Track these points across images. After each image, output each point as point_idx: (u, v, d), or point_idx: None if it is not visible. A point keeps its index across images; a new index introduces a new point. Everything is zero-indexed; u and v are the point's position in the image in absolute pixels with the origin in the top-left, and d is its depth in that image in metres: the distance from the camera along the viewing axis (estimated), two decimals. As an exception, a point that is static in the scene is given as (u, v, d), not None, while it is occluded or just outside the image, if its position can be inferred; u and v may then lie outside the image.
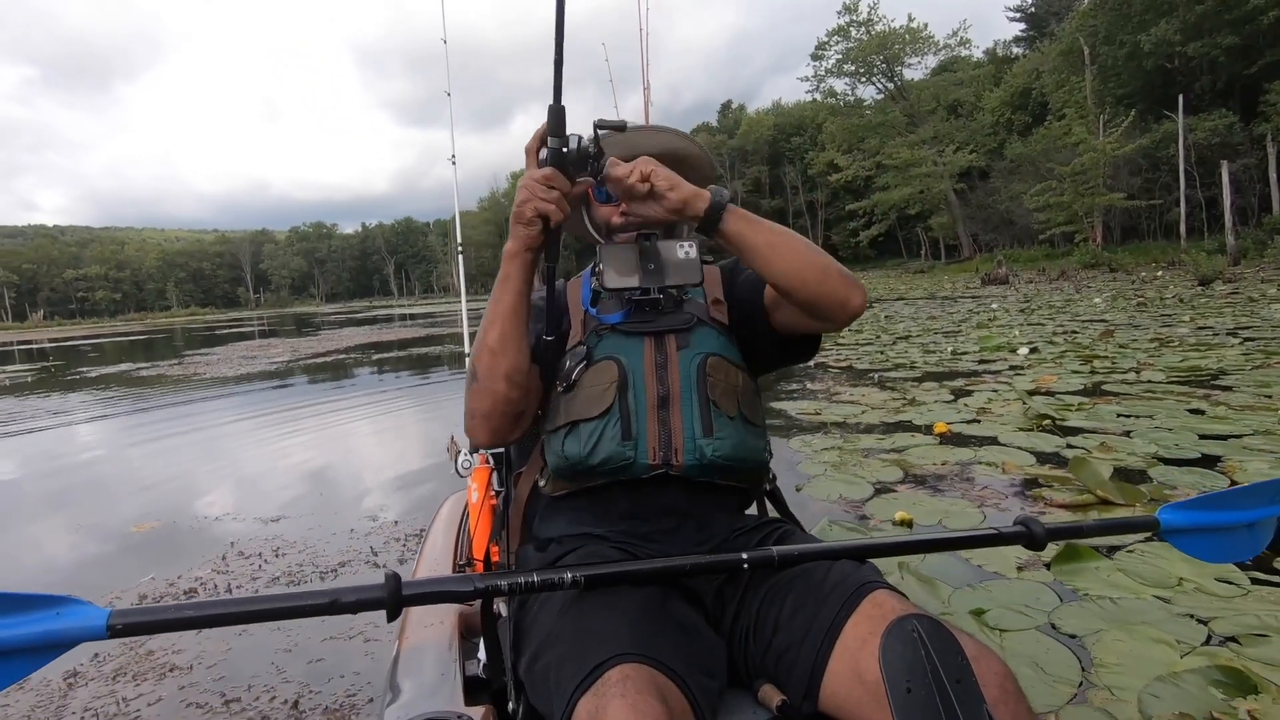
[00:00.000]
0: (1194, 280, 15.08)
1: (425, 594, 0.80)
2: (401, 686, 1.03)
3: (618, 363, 1.05)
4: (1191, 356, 6.02)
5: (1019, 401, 4.79)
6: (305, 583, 2.69)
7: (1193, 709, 1.52)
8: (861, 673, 0.80)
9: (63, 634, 0.69)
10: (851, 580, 0.89)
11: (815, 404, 5.33)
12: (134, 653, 2.22)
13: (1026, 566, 2.31)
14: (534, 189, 0.95)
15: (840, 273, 0.99)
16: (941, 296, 17.90)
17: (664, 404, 1.03)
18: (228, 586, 2.68)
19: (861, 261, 52.33)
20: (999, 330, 9.34)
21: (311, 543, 3.10)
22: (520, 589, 0.80)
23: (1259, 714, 1.50)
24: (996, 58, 49.75)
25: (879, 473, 3.45)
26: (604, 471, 1.02)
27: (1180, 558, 2.27)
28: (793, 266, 0.98)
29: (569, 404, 1.06)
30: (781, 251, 0.98)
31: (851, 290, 1.00)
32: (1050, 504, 2.85)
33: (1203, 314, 9.31)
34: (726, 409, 1.04)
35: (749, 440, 1.05)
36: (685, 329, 1.09)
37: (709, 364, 1.05)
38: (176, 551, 3.13)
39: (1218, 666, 1.66)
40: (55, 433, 6.87)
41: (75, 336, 38.30)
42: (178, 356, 16.38)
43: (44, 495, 4.52)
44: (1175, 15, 29.43)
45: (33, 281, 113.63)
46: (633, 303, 1.10)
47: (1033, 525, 0.92)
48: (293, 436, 5.74)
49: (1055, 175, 29.12)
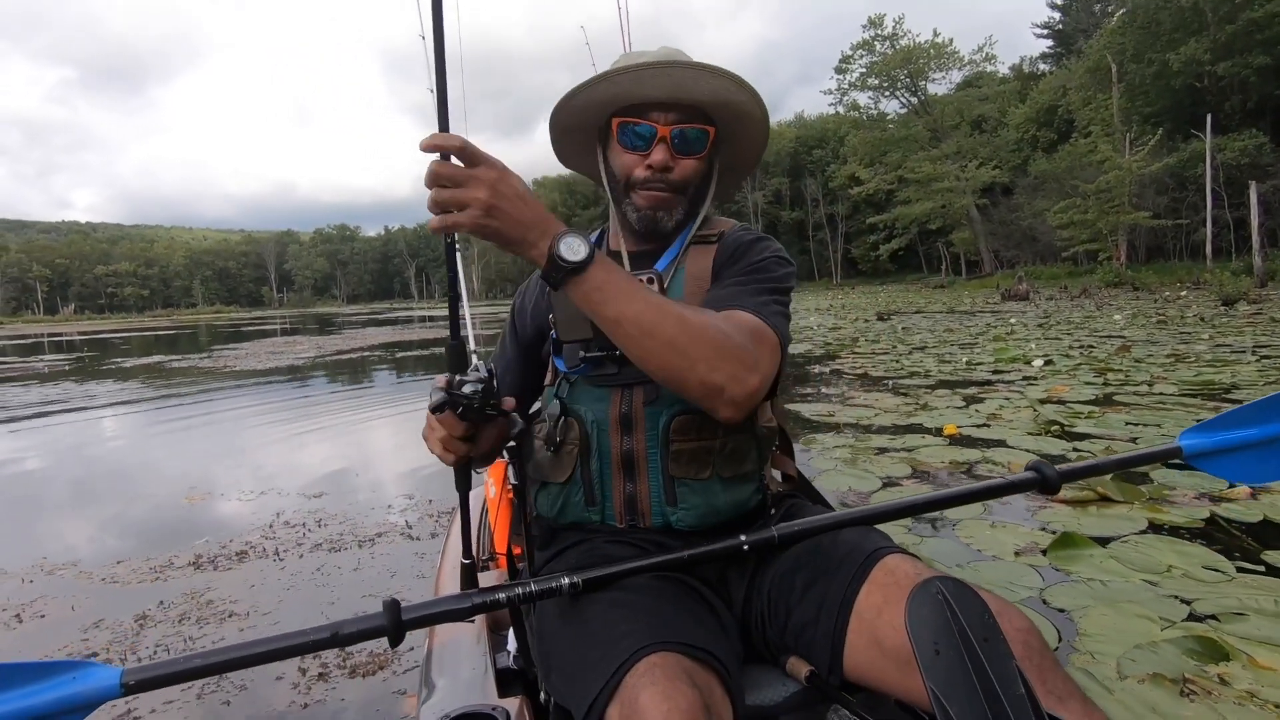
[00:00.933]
0: (1217, 300, 14.98)
1: (424, 617, 0.80)
2: (436, 683, 1.04)
3: (580, 422, 0.99)
4: (1206, 371, 6.08)
5: (1030, 409, 4.90)
6: (345, 550, 2.88)
7: (1167, 671, 1.66)
8: (881, 640, 0.79)
9: (80, 698, 0.70)
10: (860, 549, 0.88)
11: (829, 406, 5.47)
12: (195, 602, 2.43)
13: (1024, 552, 2.45)
14: (430, 440, 0.91)
15: (702, 381, 0.82)
16: (960, 311, 17.90)
17: (629, 467, 0.98)
18: (275, 550, 2.89)
19: (881, 275, 52.27)
20: (1015, 343, 9.41)
21: (351, 516, 3.30)
22: (518, 600, 0.80)
23: (1228, 677, 1.63)
24: (1023, 74, 49.66)
25: (888, 469, 3.59)
26: (576, 530, 1.02)
27: (1172, 548, 2.40)
28: (642, 354, 0.83)
29: (540, 458, 1.02)
30: (630, 333, 0.81)
31: (714, 402, 0.85)
32: (1050, 499, 2.97)
33: (1223, 332, 9.31)
34: (694, 474, 0.96)
35: (724, 498, 0.98)
36: (654, 380, 0.92)
37: (675, 425, 0.96)
38: (227, 520, 3.36)
39: (1195, 638, 1.79)
40: (101, 417, 7.17)
41: (105, 330, 39.23)
42: (207, 351, 16.81)
43: (103, 471, 4.80)
44: (1205, 34, 29.29)
45: (65, 276, 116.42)
46: (590, 359, 0.99)
47: (1044, 469, 0.90)
48: (330, 423, 5.98)
49: (1080, 193, 28.99)
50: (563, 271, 0.79)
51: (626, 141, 1.02)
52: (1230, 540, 2.46)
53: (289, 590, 2.49)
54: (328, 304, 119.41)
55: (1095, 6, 45.94)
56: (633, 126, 1.01)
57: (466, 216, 0.75)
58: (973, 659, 0.60)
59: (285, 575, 2.65)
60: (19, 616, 2.42)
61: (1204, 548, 2.40)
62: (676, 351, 0.82)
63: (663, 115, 1.00)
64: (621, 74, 0.98)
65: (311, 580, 2.59)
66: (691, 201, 1.05)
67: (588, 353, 0.98)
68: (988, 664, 0.59)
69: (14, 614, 2.44)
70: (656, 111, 1.01)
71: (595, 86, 1.01)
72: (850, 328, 13.79)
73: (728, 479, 0.98)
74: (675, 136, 1.01)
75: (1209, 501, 2.84)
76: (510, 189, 0.77)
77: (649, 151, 1.00)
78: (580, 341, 0.98)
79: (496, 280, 79.11)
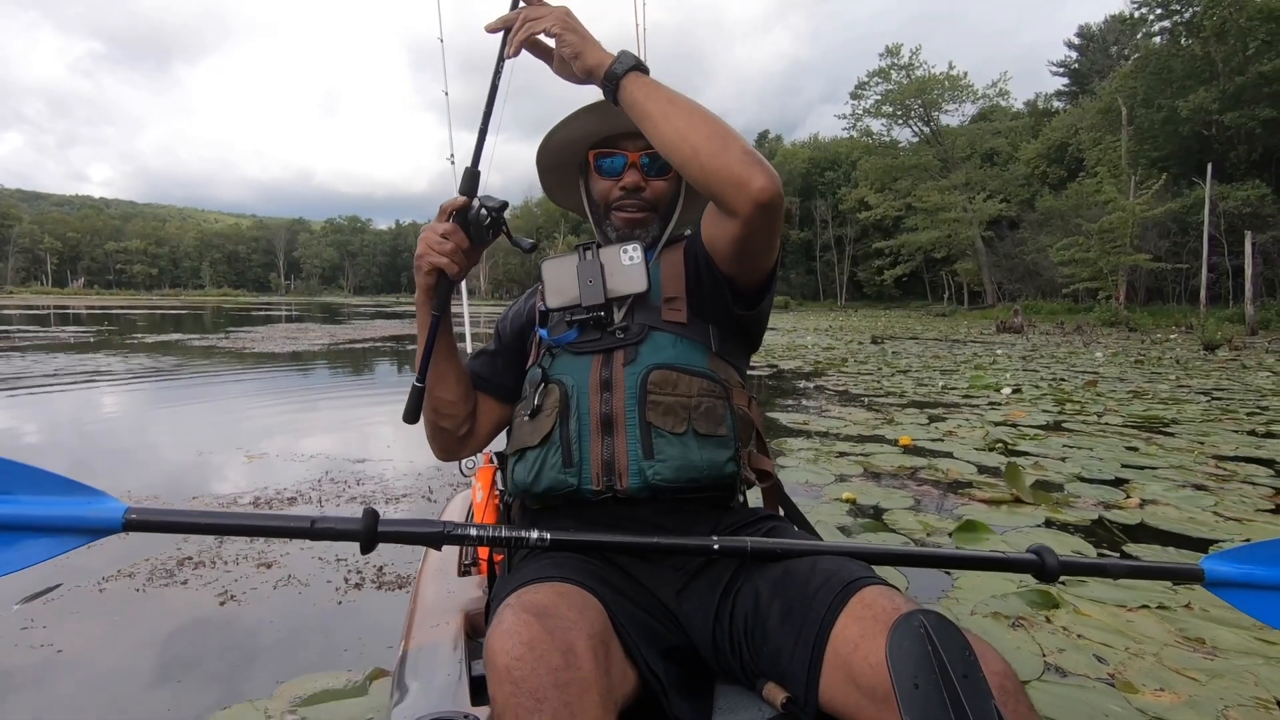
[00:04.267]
0: (1201, 345, 15.50)
1: (397, 533, 0.84)
2: (409, 686, 1.04)
3: (561, 386, 1.04)
4: (1156, 408, 6.61)
5: (983, 429, 5.44)
6: (375, 502, 3.43)
7: (1007, 612, 2.20)
8: (856, 677, 0.78)
9: (88, 521, 0.74)
10: (838, 578, 0.86)
11: (806, 416, 6.02)
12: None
13: (935, 533, 2.99)
14: (431, 241, 0.98)
15: (744, 149, 0.92)
16: (953, 340, 18.44)
17: (607, 426, 1.01)
18: (319, 499, 3.44)
19: (886, 300, 52.83)
20: (994, 372, 9.94)
21: (386, 478, 3.88)
22: (487, 540, 0.84)
23: (1053, 618, 2.17)
24: (1037, 110, 50.36)
25: (843, 468, 4.13)
26: (551, 498, 1.03)
27: (1055, 537, 2.94)
28: (682, 132, 0.93)
29: (519, 429, 1.08)
30: (673, 117, 0.94)
31: (752, 169, 0.91)
32: (972, 499, 3.51)
33: (1191, 375, 9.83)
34: (671, 426, 0.99)
35: (700, 455, 0.99)
36: (635, 342, 1.05)
37: (651, 379, 1.02)
38: (282, 475, 3.95)
39: (1039, 592, 2.33)
40: (149, 388, 7.75)
41: (114, 306, 39.94)
42: (223, 332, 17.41)
43: (169, 430, 5.45)
44: (1215, 84, 29.92)
45: (75, 250, 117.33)
46: (577, 322, 1.08)
47: (1045, 555, 0.86)
48: (362, 400, 6.61)
49: (1083, 231, 29.55)
50: (627, 65, 0.96)
51: (602, 170, 1.16)
52: (1106, 535, 3.00)
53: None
54: (334, 293, 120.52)
55: (1111, 49, 46.73)
56: (607, 156, 1.15)
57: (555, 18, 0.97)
58: (951, 695, 0.60)
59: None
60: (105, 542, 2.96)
61: (1081, 539, 2.94)
62: (719, 136, 0.92)
63: (632, 143, 1.14)
64: (589, 112, 1.14)
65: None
66: (663, 218, 1.18)
67: (574, 316, 1.07)
68: (965, 701, 0.59)
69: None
70: (626, 140, 1.15)
71: (570, 125, 1.15)
72: (843, 348, 14.32)
73: (703, 436, 1.00)
74: (644, 160, 1.14)
75: (1104, 508, 3.37)
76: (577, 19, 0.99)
77: (621, 176, 1.14)
78: (567, 308, 1.08)
79: (503, 281, 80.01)
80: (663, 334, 1.06)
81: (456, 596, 1.32)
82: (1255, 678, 1.84)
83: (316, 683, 1.84)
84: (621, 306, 1.09)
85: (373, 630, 2.13)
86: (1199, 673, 1.87)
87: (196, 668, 1.95)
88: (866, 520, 3.18)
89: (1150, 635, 2.07)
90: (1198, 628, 2.11)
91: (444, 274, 0.99)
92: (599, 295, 1.05)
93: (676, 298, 1.09)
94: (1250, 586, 0.92)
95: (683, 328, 1.07)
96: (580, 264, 1.08)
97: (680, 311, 1.08)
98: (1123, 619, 2.16)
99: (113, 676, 1.92)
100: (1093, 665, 1.92)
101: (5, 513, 0.71)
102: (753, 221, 0.94)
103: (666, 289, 1.10)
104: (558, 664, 0.72)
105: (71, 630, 2.14)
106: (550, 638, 0.74)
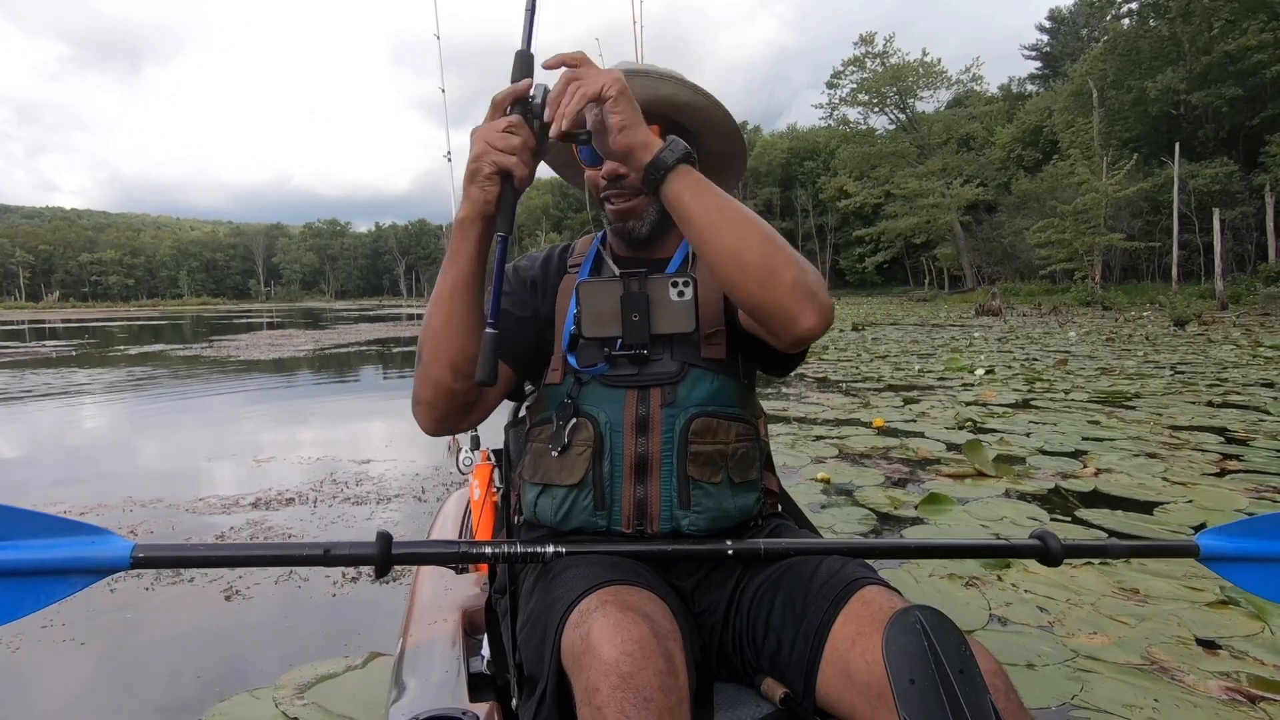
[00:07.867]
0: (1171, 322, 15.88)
1: (412, 555, 0.82)
2: (407, 684, 1.03)
3: (594, 423, 0.98)
4: (1121, 383, 6.87)
5: (954, 409, 5.65)
6: (370, 502, 3.57)
7: (961, 574, 2.39)
8: (852, 675, 0.79)
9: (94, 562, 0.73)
10: (839, 577, 0.87)
11: (785, 403, 6.22)
12: (258, 527, 3.12)
13: (902, 506, 3.18)
14: (493, 138, 0.82)
15: (794, 281, 0.84)
16: (933, 324, 18.75)
17: (641, 469, 0.97)
18: (316, 500, 3.60)
19: (868, 287, 53.27)
20: (970, 355, 10.20)
21: (383, 479, 4.03)
22: (503, 558, 0.82)
23: (1004, 577, 2.36)
24: (1010, 94, 50.86)
25: (819, 451, 4.32)
26: (578, 535, 1.00)
27: (1013, 506, 3.14)
28: (730, 250, 0.84)
29: (542, 459, 1.01)
30: (723, 231, 0.84)
31: (802, 305, 0.84)
32: (939, 474, 3.71)
33: (1159, 351, 10.14)
34: (709, 477, 0.97)
35: (733, 503, 0.99)
36: (673, 381, 0.99)
37: (694, 427, 0.97)
38: (288, 475, 4.11)
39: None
40: (144, 397, 7.81)
41: (91, 318, 39.61)
42: (206, 341, 17.37)
43: (178, 435, 5.63)
44: (1182, 64, 30.45)
45: (48, 263, 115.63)
46: (612, 355, 0.99)
47: (1049, 540, 0.87)
48: (358, 405, 6.70)
49: (1058, 213, 30.01)
50: (676, 156, 0.83)
51: (584, 158, 1.05)
52: (1060, 503, 3.20)
53: (335, 524, 3.19)
54: (315, 298, 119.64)
55: (1082, 31, 47.32)
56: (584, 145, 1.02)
57: (611, 80, 0.81)
58: (947, 690, 0.60)
59: (315, 518, 3.35)
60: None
61: (1037, 507, 3.14)
62: (769, 262, 0.83)
63: None
64: None
65: (337, 522, 3.29)
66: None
67: (614, 350, 0.98)
68: (962, 696, 0.60)
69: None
70: None
71: None
72: (824, 336, 14.54)
73: (737, 484, 0.99)
74: None
75: (1061, 479, 3.58)
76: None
77: (601, 165, 1.03)
78: (603, 340, 0.98)
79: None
80: (700, 370, 1.00)
81: (454, 593, 1.33)
82: (1179, 620, 2.05)
83: (317, 670, 1.95)
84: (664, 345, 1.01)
85: (372, 620, 2.25)
86: (1130, 617, 2.07)
87: (202, 658, 2.08)
88: (838, 498, 3.36)
89: (1090, 588, 2.27)
90: (1133, 579, 2.32)
91: (509, 180, 0.83)
92: (644, 335, 0.96)
93: (717, 331, 1.02)
94: (1242, 560, 0.94)
95: (721, 364, 1.02)
96: (625, 295, 0.97)
97: (719, 347, 1.02)
98: (1066, 574, 2.36)
99: (122, 668, 2.06)
100: (1034, 615, 2.11)
101: (7, 559, 0.71)
102: (788, 346, 0.91)
103: (706, 322, 1.01)
104: (663, 669, 0.72)
105: (83, 624, 2.28)
106: (655, 641, 0.74)
